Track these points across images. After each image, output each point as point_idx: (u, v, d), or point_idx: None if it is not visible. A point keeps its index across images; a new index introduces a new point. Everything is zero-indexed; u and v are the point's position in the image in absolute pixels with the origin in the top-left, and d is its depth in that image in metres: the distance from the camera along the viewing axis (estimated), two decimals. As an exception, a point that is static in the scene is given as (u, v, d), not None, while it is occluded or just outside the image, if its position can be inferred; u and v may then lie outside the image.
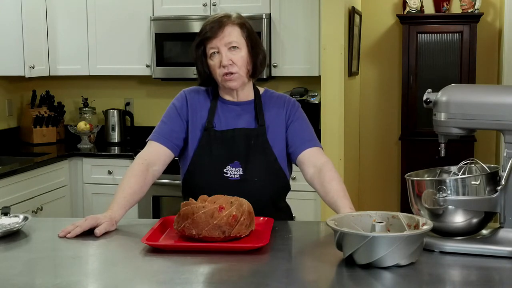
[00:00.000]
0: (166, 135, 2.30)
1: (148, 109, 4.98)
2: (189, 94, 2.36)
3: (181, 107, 2.33)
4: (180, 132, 2.31)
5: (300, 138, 2.31)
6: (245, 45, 2.25)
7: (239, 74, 2.24)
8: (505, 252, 1.81)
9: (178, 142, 2.31)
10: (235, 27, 2.24)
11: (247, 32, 2.26)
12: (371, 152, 5.50)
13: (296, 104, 2.38)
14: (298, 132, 2.32)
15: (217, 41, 2.22)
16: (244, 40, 2.25)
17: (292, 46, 4.38)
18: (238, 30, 2.24)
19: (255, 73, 2.31)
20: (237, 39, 2.23)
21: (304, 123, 2.35)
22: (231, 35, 2.22)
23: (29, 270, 1.78)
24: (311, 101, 4.45)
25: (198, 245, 1.90)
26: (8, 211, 2.19)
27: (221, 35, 2.22)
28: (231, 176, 2.24)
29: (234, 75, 2.23)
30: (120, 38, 4.63)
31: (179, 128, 2.31)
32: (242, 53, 2.24)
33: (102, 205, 4.41)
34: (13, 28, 4.31)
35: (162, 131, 2.31)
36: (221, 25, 2.22)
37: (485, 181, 1.87)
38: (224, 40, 2.22)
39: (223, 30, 2.22)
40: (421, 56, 5.06)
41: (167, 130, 2.31)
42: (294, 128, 2.32)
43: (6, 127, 4.80)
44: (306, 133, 2.33)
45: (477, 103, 1.88)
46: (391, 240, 1.68)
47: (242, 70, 2.24)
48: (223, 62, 2.21)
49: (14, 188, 3.84)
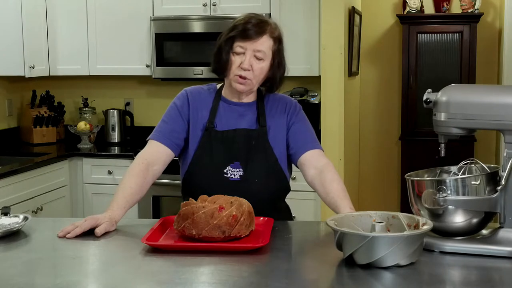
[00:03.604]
0: (166, 134, 2.29)
1: (148, 109, 4.98)
2: (191, 93, 2.35)
3: (182, 106, 2.32)
4: (181, 132, 2.31)
5: (301, 140, 2.31)
6: (270, 58, 2.23)
7: (251, 82, 2.23)
8: (505, 252, 1.81)
9: (178, 141, 2.30)
10: (270, 39, 2.23)
11: (278, 46, 2.25)
12: (371, 152, 5.50)
13: (297, 107, 2.37)
14: (299, 135, 2.32)
15: (248, 44, 2.20)
16: (272, 53, 2.23)
17: (292, 46, 4.37)
18: (271, 43, 2.23)
19: (273, 87, 2.30)
20: (266, 51, 2.21)
21: (305, 126, 2.35)
22: (263, 45, 2.21)
23: (29, 270, 1.78)
24: (311, 101, 4.45)
25: (198, 245, 1.90)
26: (8, 211, 2.19)
27: (255, 42, 2.20)
28: (231, 177, 2.23)
29: (247, 80, 2.22)
30: (120, 38, 4.63)
31: (180, 127, 2.31)
32: (264, 64, 2.22)
33: (102, 205, 4.40)
34: (13, 28, 4.31)
35: (163, 130, 2.30)
36: (260, 32, 2.20)
37: (485, 181, 1.87)
38: (254, 46, 2.20)
39: (259, 38, 2.20)
40: (421, 56, 5.07)
41: (168, 129, 2.30)
42: (295, 130, 2.32)
43: (6, 127, 4.80)
44: (307, 136, 2.33)
45: (477, 103, 1.88)
46: (391, 240, 1.68)
47: (256, 79, 2.23)
48: (243, 65, 2.20)
49: (14, 188, 3.84)
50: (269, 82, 2.28)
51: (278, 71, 2.26)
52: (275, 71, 2.26)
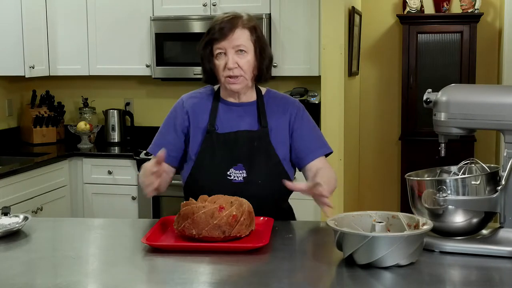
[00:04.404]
0: (161, 147, 2.27)
1: (148, 109, 4.98)
2: (187, 100, 2.34)
3: (176, 117, 2.31)
4: (175, 144, 2.30)
5: (305, 148, 2.29)
6: (252, 49, 2.22)
7: (243, 78, 2.22)
8: (505, 252, 1.81)
9: (174, 153, 2.29)
10: (245, 30, 2.21)
11: (256, 36, 2.23)
12: (371, 152, 5.50)
13: (300, 108, 2.35)
14: (302, 141, 2.30)
15: (225, 43, 2.19)
16: (252, 44, 2.22)
17: (292, 46, 4.38)
18: (247, 34, 2.21)
19: (261, 77, 2.29)
20: (245, 43, 2.20)
21: (308, 128, 2.33)
22: (239, 39, 2.19)
23: (29, 270, 1.78)
24: (311, 101, 4.45)
25: (198, 245, 1.90)
26: (8, 211, 2.19)
27: (230, 38, 2.19)
28: (234, 179, 2.22)
29: (238, 78, 2.21)
30: (120, 38, 4.63)
31: (174, 140, 2.30)
32: (249, 57, 2.21)
33: (102, 205, 4.42)
34: (13, 28, 4.31)
35: (159, 143, 2.29)
36: (231, 27, 2.19)
37: (485, 181, 1.87)
38: (232, 43, 2.19)
39: (233, 33, 2.19)
40: (421, 56, 5.06)
41: (165, 143, 2.27)
42: (298, 136, 2.30)
43: (6, 127, 4.80)
44: (311, 141, 2.31)
45: (477, 103, 1.88)
46: (391, 240, 1.68)
47: (247, 74, 2.22)
48: (228, 64, 2.19)
49: (14, 188, 3.84)
50: (256, 72, 2.25)
51: (263, 60, 2.25)
52: (261, 61, 2.24)
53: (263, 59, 2.25)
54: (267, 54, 2.27)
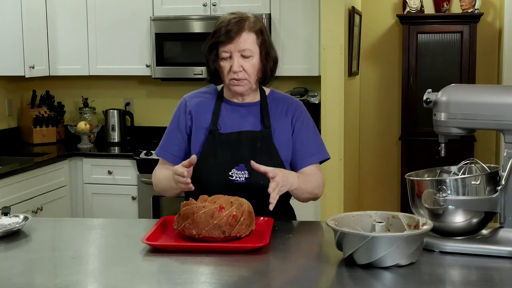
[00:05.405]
0: (167, 149, 2.33)
1: (148, 109, 4.98)
2: (190, 100, 2.34)
3: (179, 117, 2.33)
4: (180, 145, 2.32)
5: (302, 152, 2.30)
6: (258, 52, 2.21)
7: (248, 81, 2.22)
8: (505, 252, 1.81)
9: (180, 154, 2.32)
10: (251, 34, 2.20)
11: (262, 39, 2.23)
12: (371, 152, 5.50)
13: (303, 110, 2.35)
14: (300, 145, 2.30)
15: (231, 47, 2.18)
16: (258, 47, 2.21)
17: (292, 46, 4.38)
18: (253, 37, 2.20)
19: (265, 80, 2.28)
20: (251, 47, 2.19)
21: (307, 132, 2.33)
22: (245, 43, 2.18)
23: (29, 270, 1.78)
24: (311, 101, 4.45)
25: (198, 245, 1.90)
26: (8, 211, 2.19)
27: (236, 42, 2.18)
28: (236, 179, 2.22)
29: (243, 81, 2.21)
30: (120, 38, 4.63)
31: (180, 142, 2.32)
32: (254, 60, 2.21)
33: (102, 205, 4.42)
34: (13, 28, 4.31)
35: (165, 145, 2.35)
36: (237, 31, 2.18)
37: (485, 181, 1.88)
38: (238, 46, 2.18)
39: (239, 37, 2.18)
40: (421, 56, 5.06)
41: (169, 144, 2.34)
42: (297, 139, 2.30)
43: (6, 127, 4.80)
44: (308, 146, 2.31)
45: (477, 103, 1.88)
46: (391, 240, 1.68)
47: (251, 77, 2.22)
48: (233, 68, 2.18)
49: (14, 188, 3.84)
50: (261, 74, 2.26)
51: (268, 63, 2.25)
52: (265, 63, 2.24)
53: (268, 62, 2.25)
54: (272, 57, 2.27)
